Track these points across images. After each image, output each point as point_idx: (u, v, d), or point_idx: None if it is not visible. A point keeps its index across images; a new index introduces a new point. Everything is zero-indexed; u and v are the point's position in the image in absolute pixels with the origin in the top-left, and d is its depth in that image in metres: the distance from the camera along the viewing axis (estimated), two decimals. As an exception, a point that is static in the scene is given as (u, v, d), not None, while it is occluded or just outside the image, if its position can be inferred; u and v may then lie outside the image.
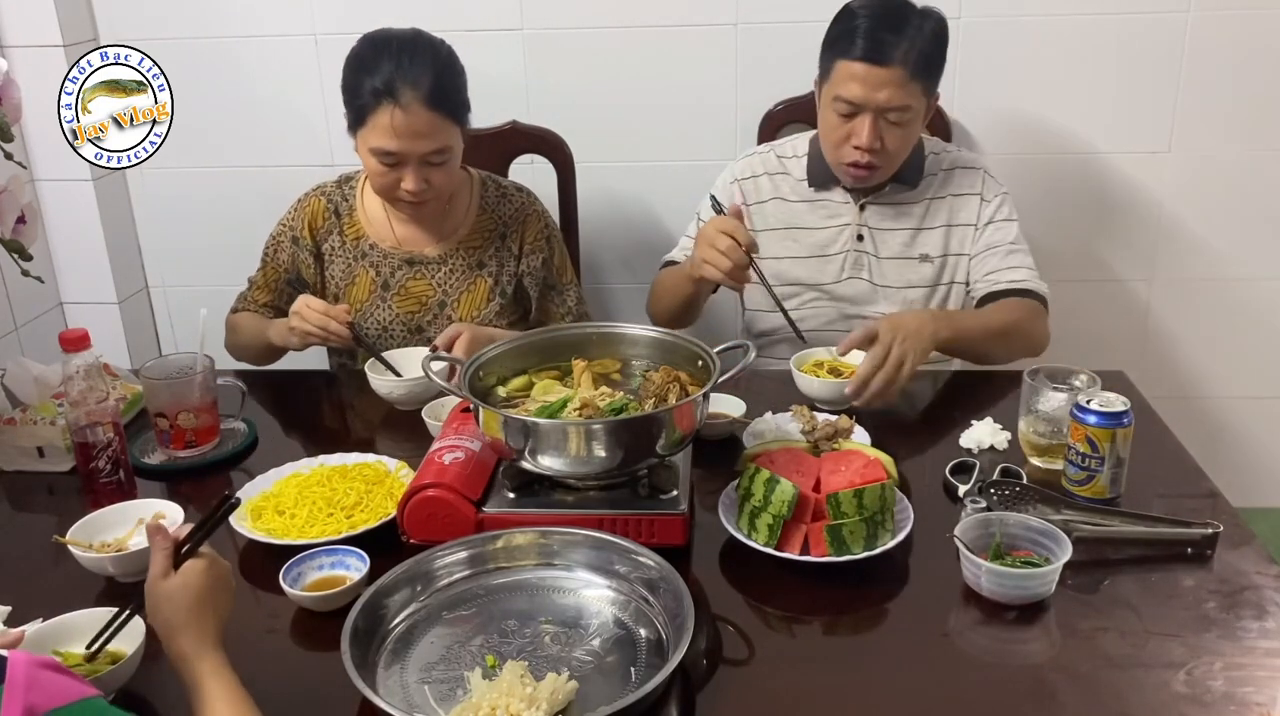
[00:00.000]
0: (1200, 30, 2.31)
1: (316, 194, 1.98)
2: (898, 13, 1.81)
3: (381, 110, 1.74)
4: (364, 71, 1.77)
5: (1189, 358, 2.59)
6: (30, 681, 0.74)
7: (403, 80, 1.73)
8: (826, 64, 1.86)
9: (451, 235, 1.95)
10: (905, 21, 1.80)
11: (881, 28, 1.79)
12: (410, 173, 1.78)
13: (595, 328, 1.61)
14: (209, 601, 1.07)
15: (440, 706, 1.08)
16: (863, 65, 1.78)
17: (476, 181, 1.99)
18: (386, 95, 1.73)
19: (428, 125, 1.75)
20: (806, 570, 1.30)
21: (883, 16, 1.80)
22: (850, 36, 1.80)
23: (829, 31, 1.87)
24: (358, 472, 1.51)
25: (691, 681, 1.14)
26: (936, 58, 1.84)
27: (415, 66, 1.75)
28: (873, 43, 1.78)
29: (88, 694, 0.78)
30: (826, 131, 1.89)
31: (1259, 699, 1.09)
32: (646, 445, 1.33)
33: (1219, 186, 2.44)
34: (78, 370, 1.46)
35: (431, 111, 1.75)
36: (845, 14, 1.86)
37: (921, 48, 1.79)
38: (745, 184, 2.04)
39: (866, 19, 1.80)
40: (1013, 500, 1.41)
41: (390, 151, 1.76)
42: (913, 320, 1.70)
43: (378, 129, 1.75)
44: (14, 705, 0.72)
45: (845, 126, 1.84)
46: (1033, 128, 2.41)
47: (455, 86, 1.82)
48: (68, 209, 2.46)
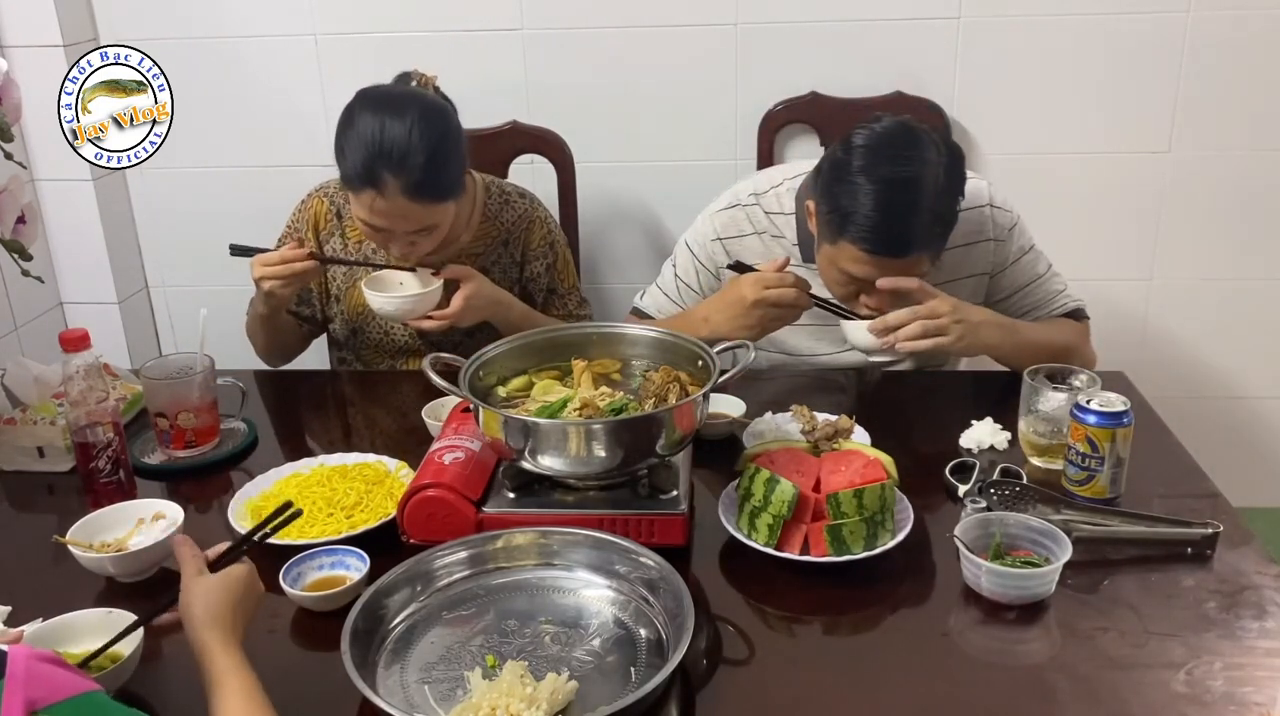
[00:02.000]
0: (1200, 30, 2.31)
1: (319, 194, 1.98)
2: (910, 189, 1.56)
3: (363, 193, 1.69)
4: (350, 144, 1.70)
5: (1189, 358, 2.59)
6: (30, 675, 0.74)
7: (385, 167, 1.66)
8: (829, 226, 1.63)
9: (454, 243, 1.93)
10: (918, 202, 1.56)
11: (894, 218, 1.56)
12: (396, 243, 1.77)
13: (595, 327, 1.61)
14: (242, 604, 1.09)
15: (440, 706, 1.08)
16: (877, 258, 1.59)
17: (480, 187, 1.97)
18: (368, 182, 1.67)
19: (411, 211, 1.71)
20: (806, 570, 1.30)
21: (895, 200, 1.56)
22: (858, 221, 1.57)
23: (829, 190, 1.62)
24: (358, 472, 1.51)
25: (691, 681, 1.14)
26: (952, 223, 1.63)
27: (400, 154, 1.66)
28: (886, 236, 1.57)
29: (88, 688, 0.79)
30: (830, 283, 1.70)
31: (1259, 699, 1.09)
32: (646, 445, 1.33)
33: (1219, 186, 2.43)
34: (78, 370, 1.46)
35: (414, 202, 1.69)
36: (846, 177, 1.58)
37: (941, 222, 1.60)
38: (730, 243, 1.86)
39: (875, 204, 1.55)
40: (1013, 500, 1.41)
41: (375, 227, 1.75)
42: (977, 314, 1.68)
43: (360, 206, 1.73)
44: (15, 699, 0.73)
45: (852, 287, 1.67)
46: (1033, 128, 2.41)
47: (444, 169, 1.72)
48: (68, 209, 2.46)
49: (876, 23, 2.35)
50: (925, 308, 1.64)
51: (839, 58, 2.36)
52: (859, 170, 1.58)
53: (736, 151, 2.45)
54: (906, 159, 1.58)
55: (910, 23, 2.34)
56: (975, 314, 1.69)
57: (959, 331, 1.64)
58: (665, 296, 1.94)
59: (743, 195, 1.89)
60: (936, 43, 2.35)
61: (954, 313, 1.64)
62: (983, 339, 1.69)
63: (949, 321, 1.63)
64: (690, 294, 1.91)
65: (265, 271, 1.77)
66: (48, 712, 0.74)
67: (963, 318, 1.65)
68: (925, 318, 1.63)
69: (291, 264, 1.76)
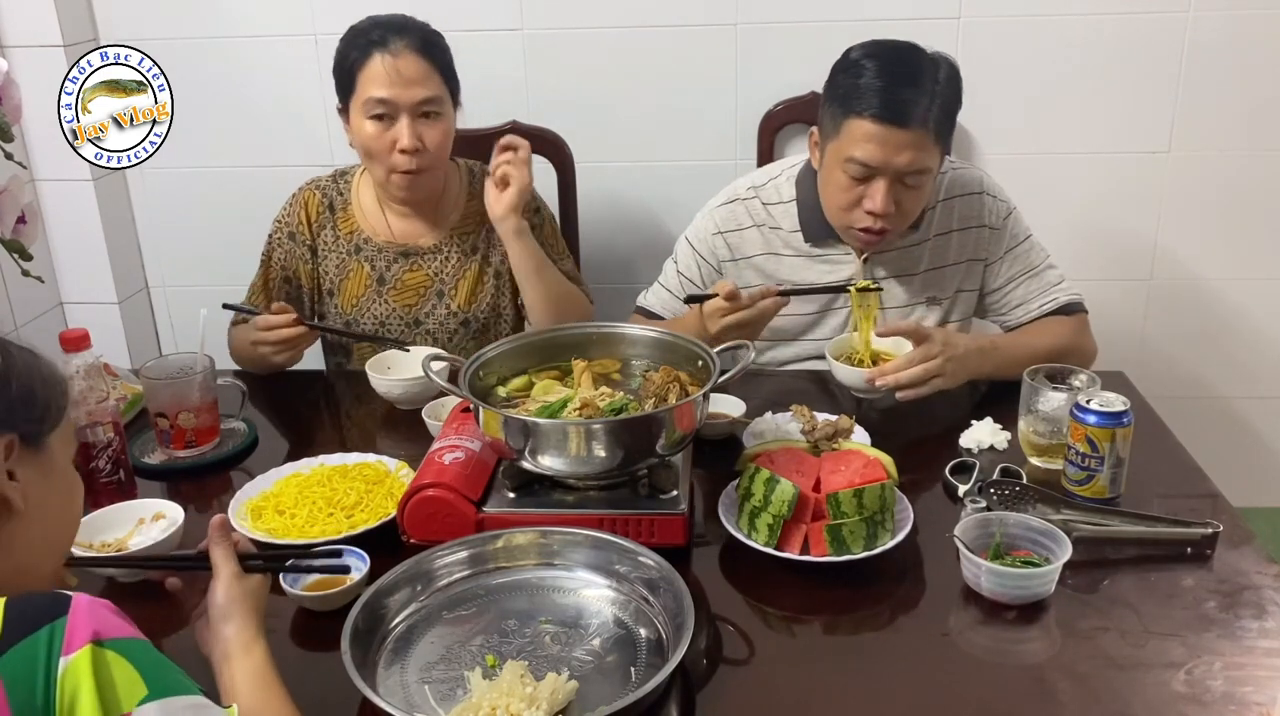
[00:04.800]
0: (1200, 30, 2.31)
1: (310, 188, 1.99)
2: (911, 63, 1.66)
3: (373, 60, 1.78)
4: (352, 40, 1.83)
5: (1189, 358, 2.59)
6: (92, 613, 0.82)
7: (392, 32, 1.80)
8: (834, 120, 1.69)
9: (444, 224, 1.97)
10: (921, 73, 1.65)
11: (898, 83, 1.63)
12: (405, 127, 1.80)
13: (595, 327, 1.61)
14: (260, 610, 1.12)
15: (440, 706, 1.08)
16: (880, 126, 1.63)
17: (464, 169, 2.02)
18: (377, 45, 1.79)
19: (419, 71, 1.79)
20: (806, 570, 1.30)
21: (897, 70, 1.64)
22: (864, 93, 1.64)
23: (833, 83, 1.71)
24: (358, 472, 1.51)
25: (691, 681, 1.14)
26: (955, 112, 1.70)
27: (402, 23, 1.82)
28: (891, 101, 1.62)
29: (140, 636, 0.85)
30: (834, 192, 1.74)
31: (1259, 698, 1.09)
32: (646, 445, 1.33)
33: (1219, 186, 2.44)
34: (78, 370, 1.46)
35: (422, 59, 1.80)
36: (851, 65, 1.68)
37: (941, 103, 1.65)
38: (730, 237, 1.89)
39: (879, 73, 1.64)
40: (1013, 500, 1.41)
41: (383, 99, 1.78)
42: (963, 345, 1.69)
43: (369, 78, 1.78)
44: (84, 629, 0.80)
45: (856, 189, 1.70)
46: (1032, 128, 2.41)
47: (442, 48, 1.85)
48: (68, 209, 2.46)
49: (876, 23, 2.33)
50: (920, 352, 1.64)
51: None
52: (860, 57, 1.68)
53: (736, 151, 2.45)
54: (907, 47, 1.70)
55: (910, 23, 2.33)
56: (959, 345, 1.69)
57: (950, 368, 1.66)
58: (669, 293, 1.95)
59: (741, 189, 1.91)
60: (936, 43, 2.32)
61: (945, 351, 1.65)
62: (969, 369, 1.70)
63: (942, 362, 1.64)
64: (693, 289, 1.92)
65: (258, 337, 1.79)
66: (113, 644, 0.81)
67: (951, 354, 1.66)
68: (923, 362, 1.64)
69: (280, 331, 1.77)
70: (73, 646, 0.79)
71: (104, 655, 0.80)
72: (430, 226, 1.96)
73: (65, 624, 0.80)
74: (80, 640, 0.79)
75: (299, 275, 1.98)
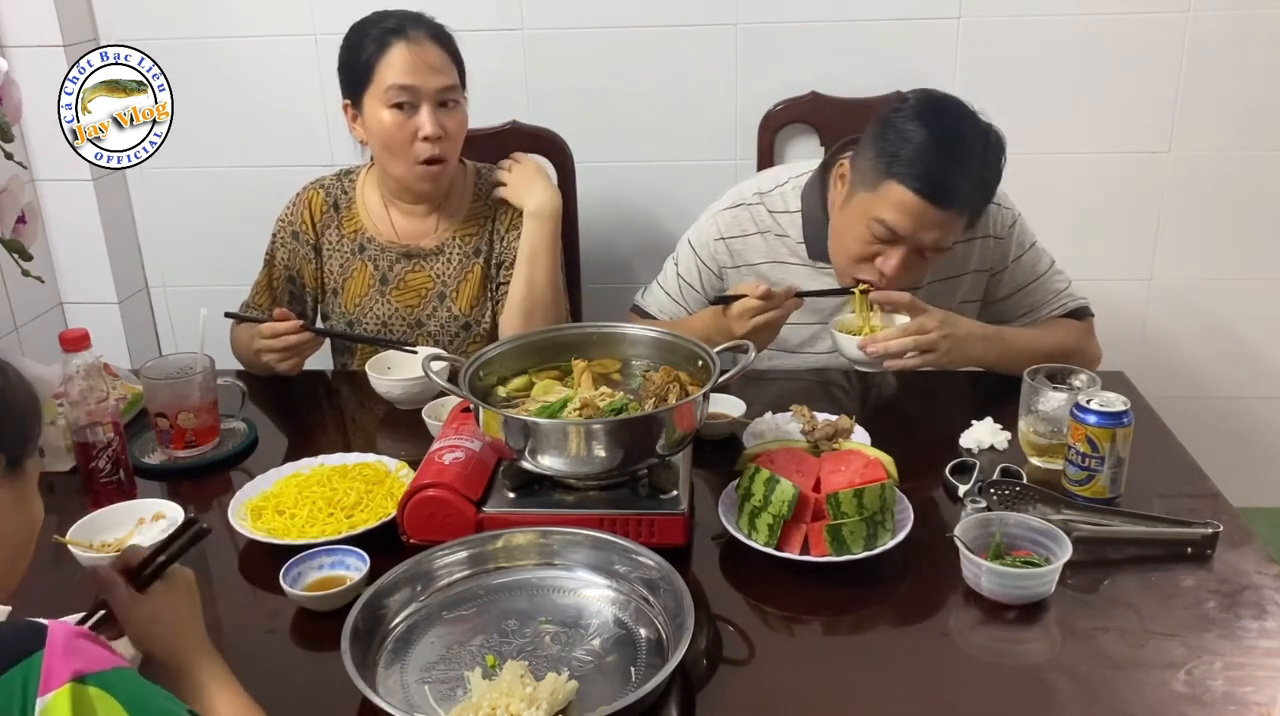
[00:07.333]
0: (1200, 30, 2.31)
1: (315, 187, 1.99)
2: (960, 135, 1.61)
3: (394, 48, 1.79)
4: (364, 32, 1.83)
5: (1189, 358, 2.59)
6: (69, 648, 0.78)
7: (408, 22, 1.82)
8: (875, 172, 1.63)
9: (448, 225, 1.97)
10: (969, 152, 1.60)
11: (946, 158, 1.58)
12: (427, 115, 1.80)
13: (595, 327, 1.61)
14: (190, 611, 1.08)
15: (440, 706, 1.08)
16: (919, 199, 1.59)
17: (470, 171, 2.02)
18: (396, 34, 1.79)
19: (438, 59, 1.81)
20: (806, 570, 1.30)
21: (947, 142, 1.59)
22: (911, 161, 1.59)
23: (882, 134, 1.63)
24: (358, 472, 1.51)
25: (691, 681, 1.14)
26: (993, 193, 1.68)
27: (417, 15, 1.85)
28: (936, 177, 1.58)
29: (121, 663, 0.82)
30: (850, 242, 1.69)
31: (1259, 698, 1.09)
32: (646, 445, 1.33)
33: (1219, 186, 2.44)
34: (78, 370, 1.46)
35: (439, 47, 1.82)
36: (902, 120, 1.62)
37: (982, 189, 1.64)
38: (733, 243, 1.86)
39: (931, 143, 1.58)
40: (1013, 500, 1.41)
41: (406, 85, 1.78)
42: (965, 327, 1.69)
43: (390, 66, 1.79)
44: (62, 665, 0.77)
45: (874, 248, 1.66)
46: (1032, 128, 2.41)
47: (454, 41, 1.87)
48: (68, 209, 2.46)
49: (876, 23, 2.35)
50: (915, 324, 1.65)
51: (839, 58, 2.37)
52: (913, 117, 1.62)
53: (736, 151, 2.45)
54: (959, 116, 1.63)
55: (910, 23, 2.34)
56: (961, 327, 1.69)
57: (945, 346, 1.65)
58: (667, 295, 1.94)
59: (747, 194, 1.89)
60: (936, 43, 2.35)
61: (941, 328, 1.65)
62: (967, 352, 1.70)
63: (937, 337, 1.64)
64: (692, 293, 1.91)
65: (262, 344, 1.79)
66: (96, 679, 0.78)
67: (949, 332, 1.66)
68: (915, 334, 1.64)
69: (285, 338, 1.77)
70: (50, 685, 0.75)
71: (86, 692, 0.77)
72: (434, 227, 1.96)
73: (41, 660, 0.76)
74: (59, 678, 0.76)
75: (302, 274, 1.98)
